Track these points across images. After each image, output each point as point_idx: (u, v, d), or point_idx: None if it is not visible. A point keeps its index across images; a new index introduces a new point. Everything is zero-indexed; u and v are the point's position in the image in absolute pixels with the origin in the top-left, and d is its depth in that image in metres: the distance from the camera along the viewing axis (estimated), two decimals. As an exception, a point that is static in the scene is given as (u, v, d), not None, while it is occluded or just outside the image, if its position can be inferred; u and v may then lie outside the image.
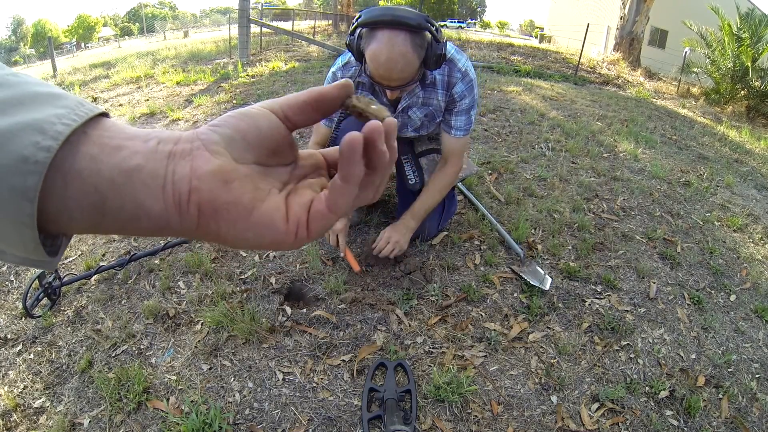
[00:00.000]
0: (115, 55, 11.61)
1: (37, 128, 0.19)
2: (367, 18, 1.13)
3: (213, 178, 0.23)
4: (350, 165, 0.23)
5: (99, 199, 0.21)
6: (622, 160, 2.95)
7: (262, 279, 1.57)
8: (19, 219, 0.19)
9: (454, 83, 1.37)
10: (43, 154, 0.19)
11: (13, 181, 0.19)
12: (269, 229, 0.24)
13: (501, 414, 1.16)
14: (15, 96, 0.20)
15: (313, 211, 0.25)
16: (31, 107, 0.20)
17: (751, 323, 1.60)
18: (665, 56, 11.23)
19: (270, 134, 0.25)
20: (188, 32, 31.56)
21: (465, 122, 1.43)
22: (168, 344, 1.34)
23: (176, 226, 0.23)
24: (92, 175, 0.21)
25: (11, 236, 0.20)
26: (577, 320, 1.47)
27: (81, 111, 0.21)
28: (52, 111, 0.20)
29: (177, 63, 7.12)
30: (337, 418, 1.13)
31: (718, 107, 6.95)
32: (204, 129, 0.24)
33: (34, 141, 0.19)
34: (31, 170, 0.19)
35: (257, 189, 0.24)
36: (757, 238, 2.20)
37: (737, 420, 1.21)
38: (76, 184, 0.20)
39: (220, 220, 0.23)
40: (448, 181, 1.52)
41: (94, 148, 0.21)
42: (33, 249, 0.21)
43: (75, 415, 1.16)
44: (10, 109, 0.20)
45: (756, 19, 6.97)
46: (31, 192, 0.19)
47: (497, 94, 4.55)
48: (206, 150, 0.23)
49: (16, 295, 1.62)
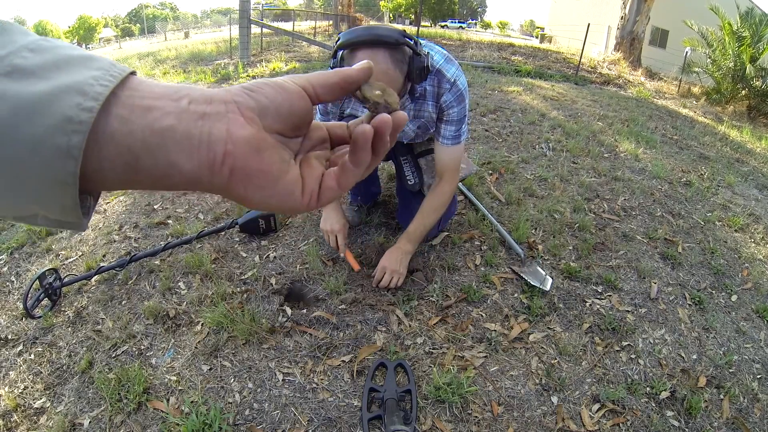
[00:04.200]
0: (116, 55, 11.63)
1: (78, 90, 0.20)
2: (345, 40, 1.14)
3: (247, 145, 0.24)
4: (362, 152, 0.27)
5: (132, 158, 0.22)
6: (623, 160, 2.95)
7: (262, 279, 1.56)
8: (62, 178, 0.20)
9: (441, 93, 1.36)
10: (86, 114, 0.20)
11: (59, 141, 0.19)
12: (290, 197, 0.27)
13: (501, 415, 1.16)
14: (51, 60, 0.21)
15: (324, 186, 0.28)
16: (68, 70, 0.21)
17: (753, 323, 1.60)
18: (666, 56, 11.22)
19: (299, 112, 0.27)
20: (189, 33, 31.58)
21: (454, 132, 1.41)
22: (168, 345, 1.34)
23: (207, 183, 0.24)
24: (125, 136, 0.21)
25: (50, 197, 0.21)
26: (578, 321, 1.47)
27: (114, 71, 0.22)
28: (89, 73, 0.21)
29: (178, 64, 7.13)
30: (337, 419, 1.13)
31: (719, 107, 6.94)
32: (239, 91, 0.25)
33: (76, 102, 0.20)
34: (75, 129, 0.20)
35: (282, 160, 0.26)
36: (758, 238, 2.19)
37: (738, 421, 1.21)
38: (110, 145, 0.21)
39: (249, 185, 0.25)
40: (443, 200, 1.49)
41: (124, 110, 0.21)
42: (71, 208, 0.21)
43: (75, 416, 1.16)
44: (48, 72, 0.20)
45: (756, 18, 6.96)
46: (75, 150, 0.20)
47: (498, 95, 4.55)
48: (241, 114, 0.24)
49: (16, 296, 1.62)
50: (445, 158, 1.46)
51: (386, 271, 1.48)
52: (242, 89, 0.25)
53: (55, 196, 0.21)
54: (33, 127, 0.19)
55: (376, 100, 0.28)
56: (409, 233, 1.51)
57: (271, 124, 0.26)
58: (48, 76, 0.20)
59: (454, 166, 1.47)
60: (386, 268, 1.48)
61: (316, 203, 0.28)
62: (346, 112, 1.39)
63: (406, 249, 1.51)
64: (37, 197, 0.21)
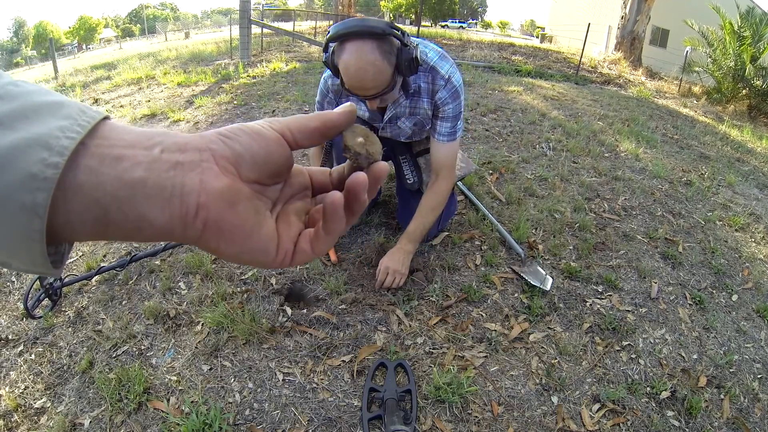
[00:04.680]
0: (116, 56, 11.64)
1: (43, 144, 0.19)
2: (334, 32, 1.15)
3: (221, 198, 0.23)
4: (333, 222, 0.26)
5: (101, 212, 0.21)
6: (623, 159, 2.95)
7: (262, 280, 1.57)
8: (28, 234, 0.20)
9: (436, 90, 1.36)
10: (51, 170, 0.19)
11: (23, 199, 0.19)
12: (263, 254, 0.26)
13: (501, 415, 1.16)
14: (18, 109, 0.20)
15: (299, 249, 0.28)
16: (35, 120, 0.20)
17: (753, 323, 1.60)
18: (666, 55, 11.20)
19: (277, 159, 0.26)
20: (189, 33, 31.60)
21: (450, 128, 1.41)
22: (168, 345, 1.34)
23: (179, 236, 0.23)
24: (93, 189, 0.20)
25: (19, 250, 0.20)
26: (578, 320, 1.47)
27: (83, 120, 0.21)
28: (56, 123, 0.20)
29: (178, 64, 7.13)
30: (338, 419, 1.13)
31: (720, 106, 6.93)
32: (214, 138, 0.24)
33: (41, 158, 0.19)
34: (39, 187, 0.19)
35: (257, 213, 0.26)
36: (759, 237, 2.19)
37: (739, 421, 1.21)
38: (77, 198, 0.20)
39: (221, 239, 0.24)
40: (441, 199, 1.50)
41: (93, 161, 0.21)
42: (40, 262, 0.21)
43: (76, 416, 1.16)
44: (14, 123, 0.20)
45: (756, 18, 6.95)
46: (40, 209, 0.19)
47: (498, 94, 4.55)
48: (216, 164, 0.23)
49: (17, 296, 1.63)
50: (440, 155, 1.46)
51: (388, 272, 1.47)
52: (218, 135, 0.24)
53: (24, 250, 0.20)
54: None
55: (357, 150, 0.27)
56: (409, 233, 1.51)
57: (247, 174, 0.25)
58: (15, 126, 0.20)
59: (450, 163, 1.47)
60: (388, 269, 1.48)
61: (290, 262, 0.28)
62: None
63: (407, 249, 1.51)
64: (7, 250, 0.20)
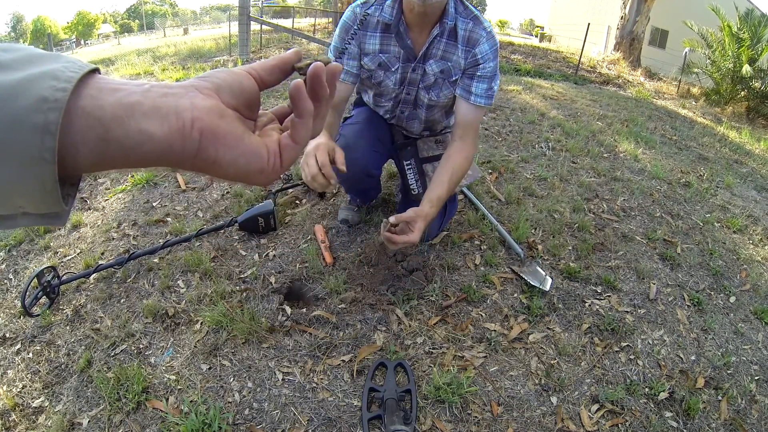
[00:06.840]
0: (114, 51, 11.57)
1: (52, 75, 0.22)
2: None
3: (211, 112, 0.27)
4: (300, 102, 0.30)
5: (103, 130, 0.23)
6: (622, 160, 2.95)
7: (261, 278, 1.56)
8: (40, 154, 0.21)
9: (476, 40, 1.27)
10: (60, 93, 0.22)
11: (35, 119, 0.21)
12: (256, 156, 0.29)
13: (501, 415, 1.16)
14: (24, 56, 0.23)
15: (283, 144, 0.31)
16: (39, 63, 0.23)
17: (751, 325, 1.60)
18: (666, 56, 11.22)
19: (249, 90, 0.30)
20: (188, 29, 31.46)
21: (486, 90, 1.30)
22: (167, 344, 1.34)
23: (179, 150, 0.26)
24: (95, 110, 0.23)
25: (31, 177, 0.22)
26: (577, 321, 1.47)
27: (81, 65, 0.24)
28: (59, 65, 0.23)
29: (177, 60, 7.09)
30: (337, 419, 1.13)
31: (718, 108, 6.96)
32: (194, 80, 0.28)
33: (50, 85, 0.22)
34: (51, 107, 0.21)
35: (244, 125, 0.30)
36: (756, 239, 2.20)
37: (736, 422, 1.21)
38: (81, 119, 0.23)
39: (218, 145, 0.27)
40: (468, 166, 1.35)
41: (93, 91, 0.24)
42: (51, 190, 0.22)
43: (74, 415, 1.16)
44: (22, 65, 0.23)
45: (755, 20, 6.96)
46: (52, 126, 0.21)
47: (497, 93, 4.55)
48: (200, 92, 0.27)
49: (14, 294, 1.62)
50: (471, 118, 1.33)
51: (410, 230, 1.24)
52: (197, 78, 0.29)
53: (36, 176, 0.22)
54: (11, 109, 0.21)
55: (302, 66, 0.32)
56: (433, 200, 1.29)
57: (227, 100, 0.29)
58: (22, 68, 0.22)
59: (477, 128, 1.40)
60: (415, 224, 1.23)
61: (281, 164, 0.31)
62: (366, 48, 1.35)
63: (431, 214, 1.28)
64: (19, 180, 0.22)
